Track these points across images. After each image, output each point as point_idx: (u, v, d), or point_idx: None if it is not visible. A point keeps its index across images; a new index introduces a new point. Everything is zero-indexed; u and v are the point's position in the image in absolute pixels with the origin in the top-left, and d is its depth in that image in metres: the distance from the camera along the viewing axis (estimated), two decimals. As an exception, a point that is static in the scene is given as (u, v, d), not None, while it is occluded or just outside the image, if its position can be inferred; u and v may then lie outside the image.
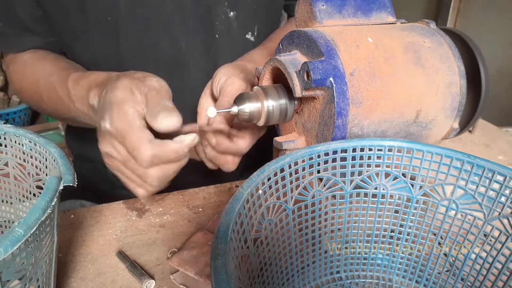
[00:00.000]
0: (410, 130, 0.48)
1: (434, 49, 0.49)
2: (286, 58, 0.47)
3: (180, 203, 0.62)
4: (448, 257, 0.41)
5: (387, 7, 0.53)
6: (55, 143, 0.40)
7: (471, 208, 0.38)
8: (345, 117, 0.43)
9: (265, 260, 0.37)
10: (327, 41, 0.44)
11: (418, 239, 0.42)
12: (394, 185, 0.41)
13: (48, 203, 0.30)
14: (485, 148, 0.80)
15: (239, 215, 0.31)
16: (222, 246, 0.27)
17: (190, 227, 0.56)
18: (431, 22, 0.53)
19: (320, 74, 0.42)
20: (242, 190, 0.32)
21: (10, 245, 0.27)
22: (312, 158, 0.39)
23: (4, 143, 0.44)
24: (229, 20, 0.72)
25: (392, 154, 0.40)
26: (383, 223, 0.43)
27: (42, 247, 0.33)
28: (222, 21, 0.71)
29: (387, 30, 0.50)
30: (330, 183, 0.41)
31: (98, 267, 0.49)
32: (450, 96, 0.49)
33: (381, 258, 0.45)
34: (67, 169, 0.35)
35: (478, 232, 0.38)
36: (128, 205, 0.61)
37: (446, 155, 0.38)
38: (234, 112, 0.48)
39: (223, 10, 0.71)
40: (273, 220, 0.38)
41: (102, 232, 0.55)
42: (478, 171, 0.37)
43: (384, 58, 0.46)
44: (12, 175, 0.46)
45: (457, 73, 0.49)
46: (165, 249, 0.52)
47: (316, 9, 0.49)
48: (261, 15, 0.76)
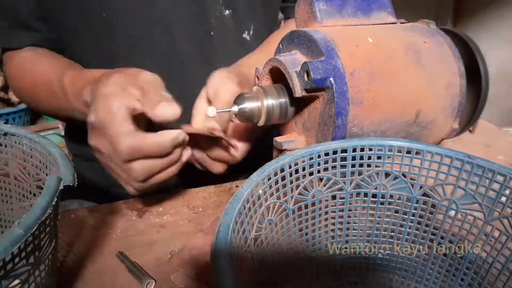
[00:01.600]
0: (410, 130, 0.48)
1: (434, 49, 0.49)
2: (286, 58, 0.47)
3: (180, 203, 0.62)
4: (448, 257, 0.41)
5: (387, 7, 0.53)
6: (55, 143, 0.40)
7: (471, 208, 0.38)
8: (345, 117, 0.43)
9: (265, 260, 0.37)
10: (327, 41, 0.44)
11: (418, 239, 0.42)
12: (394, 185, 0.41)
13: (48, 202, 0.30)
14: (485, 148, 0.80)
15: (239, 215, 0.31)
16: (222, 246, 0.27)
17: (190, 227, 0.56)
18: (431, 22, 0.53)
19: (320, 74, 0.42)
20: (242, 190, 0.32)
21: (10, 245, 0.27)
22: (312, 158, 0.39)
23: (4, 143, 0.44)
24: (224, 19, 0.71)
25: (392, 154, 0.40)
26: (383, 223, 0.43)
27: (42, 247, 0.33)
28: (217, 19, 0.71)
29: (387, 30, 0.50)
30: (330, 183, 0.41)
31: (98, 267, 0.49)
32: (450, 96, 0.49)
33: (381, 258, 0.45)
34: (67, 169, 0.35)
35: (478, 232, 0.38)
36: (128, 205, 0.61)
37: (446, 155, 0.38)
38: (234, 112, 0.48)
39: (218, 8, 0.71)
40: (273, 220, 0.38)
41: (102, 232, 0.55)
42: (478, 171, 0.37)
43: (384, 58, 0.46)
44: (12, 175, 0.46)
45: (457, 73, 0.49)
46: (165, 249, 0.52)
47: (316, 9, 0.49)
48: (257, 14, 0.76)
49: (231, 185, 0.66)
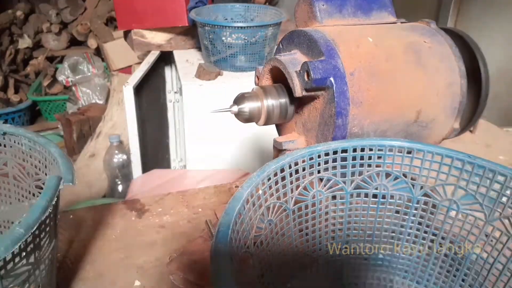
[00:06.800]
0: (410, 130, 0.48)
1: (434, 49, 0.49)
2: (286, 58, 0.47)
3: (179, 203, 0.62)
4: (449, 257, 0.41)
5: (387, 7, 0.53)
6: (55, 142, 0.40)
7: (472, 208, 0.38)
8: (345, 117, 0.43)
9: (265, 260, 0.37)
10: (327, 41, 0.44)
11: (418, 239, 0.42)
12: (394, 185, 0.41)
13: (48, 202, 0.30)
14: (486, 148, 0.80)
15: (239, 215, 0.30)
16: (222, 246, 0.27)
17: (190, 228, 0.56)
18: (432, 22, 0.53)
19: (320, 74, 0.42)
20: (242, 190, 0.32)
21: (11, 244, 0.26)
22: (312, 158, 0.39)
23: (3, 142, 0.44)
24: None
25: (392, 154, 0.40)
26: (384, 224, 0.43)
27: (42, 246, 0.33)
28: None
29: (388, 30, 0.49)
30: (330, 183, 0.41)
31: (98, 268, 0.49)
32: (451, 96, 0.49)
33: (381, 258, 0.45)
34: (67, 169, 0.35)
35: (479, 232, 0.38)
36: (128, 205, 0.61)
37: (447, 155, 0.38)
38: (234, 112, 0.48)
39: None
40: (273, 220, 0.37)
41: (101, 232, 0.55)
42: (479, 171, 0.37)
43: (385, 58, 0.46)
44: (11, 175, 0.45)
45: (458, 73, 0.49)
46: (165, 250, 0.52)
47: (316, 8, 0.49)
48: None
49: (231, 185, 0.66)
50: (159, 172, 1.30)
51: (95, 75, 2.23)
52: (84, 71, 2.24)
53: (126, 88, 1.22)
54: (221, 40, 1.21)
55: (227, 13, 1.41)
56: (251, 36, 1.21)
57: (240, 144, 1.26)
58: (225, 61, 1.27)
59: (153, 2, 1.46)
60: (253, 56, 1.26)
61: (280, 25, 1.28)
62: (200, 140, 1.24)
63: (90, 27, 2.27)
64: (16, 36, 2.41)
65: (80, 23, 2.30)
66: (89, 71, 2.24)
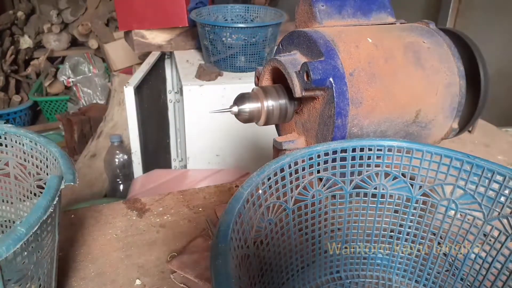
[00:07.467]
0: (409, 130, 0.48)
1: (433, 49, 0.49)
2: (286, 58, 0.47)
3: (180, 203, 0.62)
4: (448, 257, 0.41)
5: (386, 8, 0.53)
6: (56, 142, 0.40)
7: (471, 208, 0.38)
8: (344, 117, 0.43)
9: (265, 260, 0.37)
10: (326, 42, 0.45)
11: (417, 239, 0.42)
12: (393, 185, 0.41)
13: (49, 202, 0.30)
14: (485, 148, 0.80)
15: (239, 215, 0.31)
16: (222, 245, 0.27)
17: (190, 227, 0.56)
18: (431, 23, 0.53)
19: (320, 74, 0.42)
20: (242, 190, 0.32)
21: (13, 244, 0.27)
22: (312, 158, 0.39)
23: (4, 143, 0.44)
24: None
25: (391, 154, 0.40)
26: (383, 223, 0.43)
27: (43, 246, 0.33)
28: None
29: (387, 31, 0.50)
30: (330, 183, 0.41)
31: (99, 267, 0.49)
32: (450, 96, 0.49)
33: (380, 258, 0.45)
34: (68, 168, 0.35)
35: (478, 232, 0.38)
36: (129, 204, 0.61)
37: (446, 155, 0.39)
38: (234, 112, 0.48)
39: None
40: (273, 220, 0.38)
41: (102, 232, 0.56)
42: (477, 171, 0.37)
43: (384, 59, 0.46)
44: (12, 174, 0.46)
45: (457, 73, 0.49)
46: (166, 249, 0.52)
47: (316, 9, 0.49)
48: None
49: (231, 185, 0.67)
50: (160, 172, 1.30)
51: (95, 76, 2.24)
52: (85, 72, 2.24)
53: (127, 89, 1.22)
54: (221, 40, 1.21)
55: (227, 14, 1.41)
56: (251, 37, 1.21)
57: (240, 144, 1.26)
58: (225, 62, 1.27)
59: (153, 3, 1.47)
60: (253, 56, 1.27)
61: (280, 25, 1.28)
62: (200, 140, 1.24)
63: (91, 27, 2.27)
64: (17, 37, 2.41)
65: (81, 24, 2.31)
66: (90, 72, 2.24)
